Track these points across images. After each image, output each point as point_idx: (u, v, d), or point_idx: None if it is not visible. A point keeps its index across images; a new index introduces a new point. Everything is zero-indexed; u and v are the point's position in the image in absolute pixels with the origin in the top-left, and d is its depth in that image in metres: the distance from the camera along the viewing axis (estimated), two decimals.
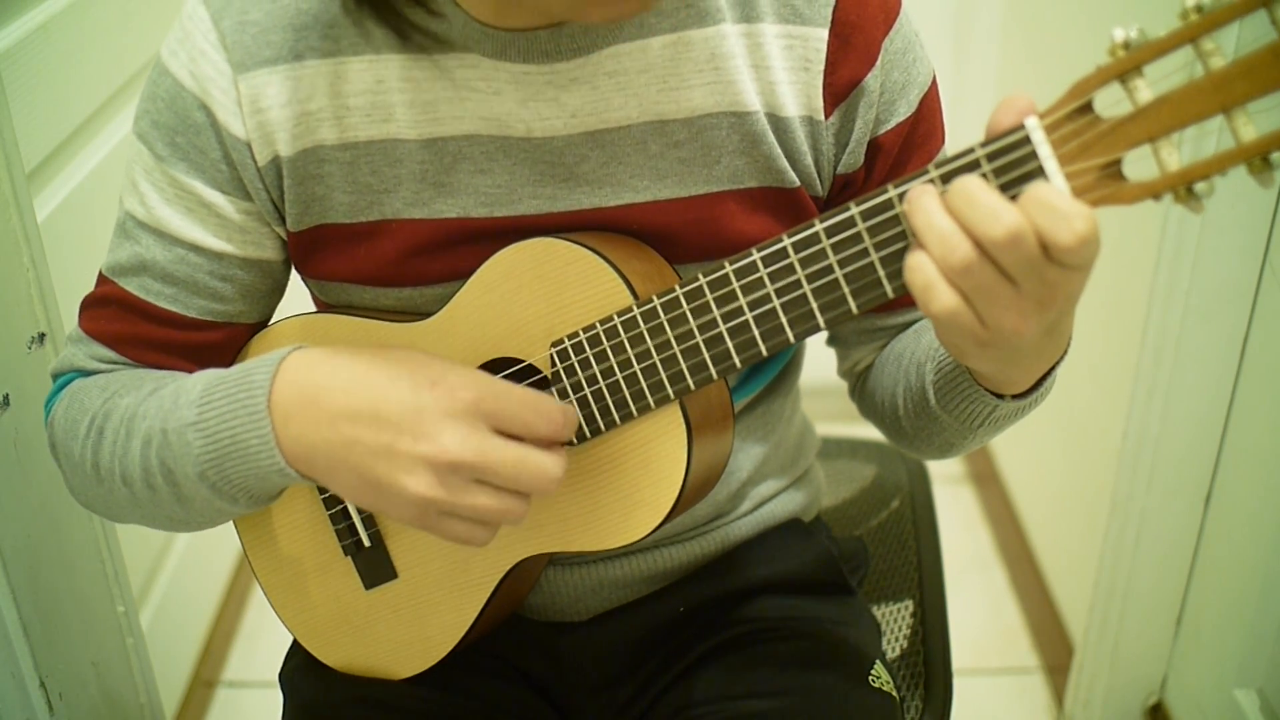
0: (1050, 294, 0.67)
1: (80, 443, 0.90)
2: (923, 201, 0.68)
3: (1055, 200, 0.64)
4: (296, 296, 1.01)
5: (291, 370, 0.82)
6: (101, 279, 0.95)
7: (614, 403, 0.84)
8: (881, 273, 0.72)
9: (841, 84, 0.88)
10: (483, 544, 0.82)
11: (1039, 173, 0.66)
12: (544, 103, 0.86)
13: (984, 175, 0.66)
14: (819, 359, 1.10)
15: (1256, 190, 1.39)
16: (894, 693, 1.02)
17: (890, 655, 1.20)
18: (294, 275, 0.99)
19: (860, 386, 1.04)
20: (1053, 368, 0.83)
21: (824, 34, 0.87)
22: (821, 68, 0.87)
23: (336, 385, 0.80)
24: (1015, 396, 0.84)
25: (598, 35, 0.86)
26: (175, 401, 0.85)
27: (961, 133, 0.68)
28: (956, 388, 0.86)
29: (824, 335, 1.05)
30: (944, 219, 0.67)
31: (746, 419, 1.03)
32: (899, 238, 0.71)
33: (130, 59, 1.63)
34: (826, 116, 0.88)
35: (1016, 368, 0.80)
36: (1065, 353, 0.82)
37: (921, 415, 0.92)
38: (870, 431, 1.48)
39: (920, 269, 0.68)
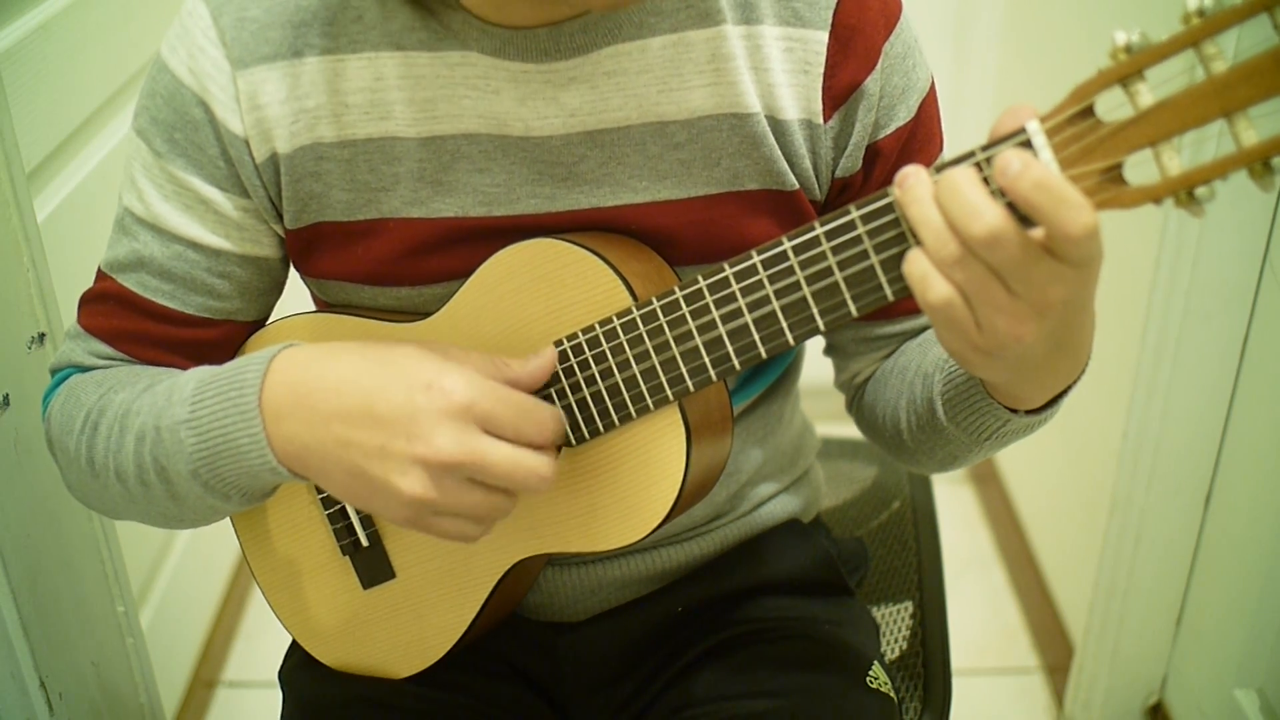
0: (1042, 296, 0.66)
1: (75, 438, 0.90)
2: (917, 191, 0.67)
3: (1065, 190, 0.63)
4: (296, 295, 1.01)
5: (282, 369, 0.82)
6: (100, 275, 0.95)
7: (613, 404, 0.84)
8: (881, 275, 0.72)
9: (841, 87, 0.87)
10: (474, 540, 0.82)
11: None
12: (542, 101, 0.86)
13: (985, 179, 0.66)
14: (819, 360, 1.10)
15: (1257, 191, 1.39)
16: (892, 694, 1.02)
17: (890, 656, 1.20)
18: (294, 274, 0.99)
19: (859, 400, 1.03)
20: (1069, 387, 0.82)
21: (824, 37, 0.86)
22: (821, 70, 0.87)
23: (328, 385, 0.80)
24: (1028, 413, 0.84)
25: (597, 35, 0.86)
26: (169, 398, 0.85)
27: (961, 138, 0.68)
28: (967, 400, 0.85)
29: (822, 345, 1.05)
30: (937, 212, 0.66)
31: (746, 421, 1.03)
32: (899, 240, 0.71)
33: (130, 59, 1.63)
34: (825, 120, 0.88)
35: (1027, 381, 0.79)
36: (1082, 373, 0.81)
37: (926, 428, 0.92)
38: None
39: (916, 260, 0.68)
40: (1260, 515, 1.47)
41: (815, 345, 1.09)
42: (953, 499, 2.33)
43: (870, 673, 1.01)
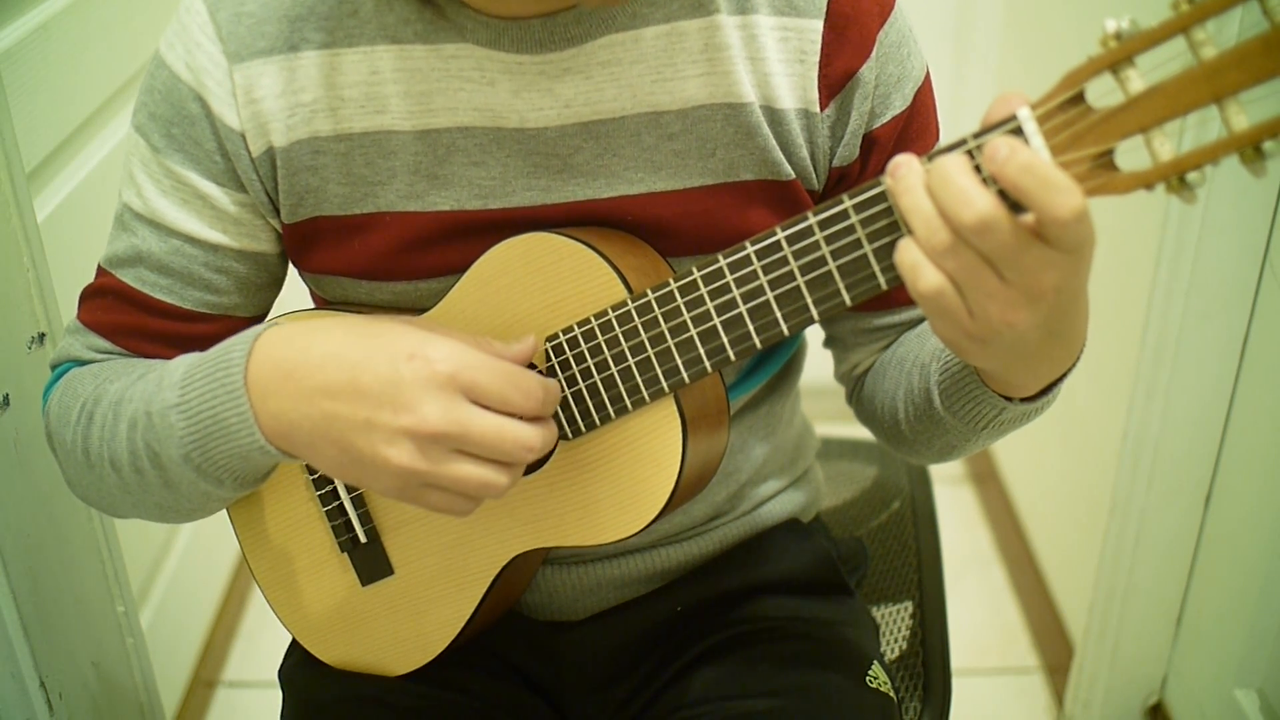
0: (1034, 282, 0.66)
1: (71, 429, 0.90)
2: (909, 180, 0.68)
3: (1052, 174, 0.63)
4: (296, 294, 1.01)
5: (267, 346, 0.82)
6: (99, 271, 0.96)
7: (609, 397, 0.84)
8: (875, 264, 0.72)
9: (837, 75, 0.88)
10: (465, 514, 0.82)
11: None
12: (537, 93, 0.87)
13: (976, 167, 0.66)
14: (819, 359, 1.10)
15: (1257, 190, 1.39)
16: (891, 693, 1.02)
17: (890, 656, 1.19)
18: (292, 272, 0.99)
19: (858, 391, 1.03)
20: (1063, 375, 0.82)
21: (819, 25, 0.87)
22: (817, 59, 0.87)
23: (313, 360, 0.80)
24: (1023, 400, 0.84)
25: (591, 25, 0.86)
26: (159, 384, 0.85)
27: (960, 133, 0.68)
28: (963, 389, 0.85)
29: (821, 338, 1.05)
30: (928, 201, 0.67)
31: (747, 419, 1.03)
32: (891, 228, 0.71)
33: (130, 59, 1.64)
34: (822, 109, 0.88)
35: (1022, 369, 0.79)
36: (1076, 361, 0.81)
37: (924, 418, 0.92)
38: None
39: (907, 249, 0.68)
40: (1260, 515, 1.47)
41: (815, 346, 1.10)
42: (953, 499, 2.33)
43: (870, 672, 1.01)
